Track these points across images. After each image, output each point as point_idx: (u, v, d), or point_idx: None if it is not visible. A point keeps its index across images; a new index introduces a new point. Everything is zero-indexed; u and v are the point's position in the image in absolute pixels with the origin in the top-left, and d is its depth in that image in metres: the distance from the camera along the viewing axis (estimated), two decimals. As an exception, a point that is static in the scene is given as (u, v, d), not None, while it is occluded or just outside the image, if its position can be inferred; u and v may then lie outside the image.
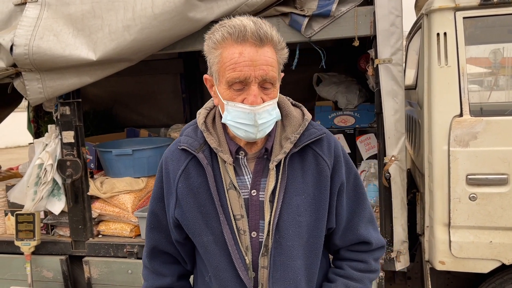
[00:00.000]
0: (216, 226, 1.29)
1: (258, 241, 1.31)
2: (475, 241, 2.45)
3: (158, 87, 5.25)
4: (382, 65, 2.46)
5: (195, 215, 1.31)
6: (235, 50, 1.17)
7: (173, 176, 1.34)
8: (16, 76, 2.78)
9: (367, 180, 3.60)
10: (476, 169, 2.40)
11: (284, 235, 1.28)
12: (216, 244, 1.30)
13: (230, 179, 1.30)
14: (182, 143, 1.34)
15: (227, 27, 1.18)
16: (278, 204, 1.28)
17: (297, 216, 1.29)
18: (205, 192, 1.30)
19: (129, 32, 2.52)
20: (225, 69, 1.18)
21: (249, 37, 1.15)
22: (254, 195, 1.30)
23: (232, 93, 1.20)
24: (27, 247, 3.05)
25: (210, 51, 1.23)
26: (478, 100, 2.79)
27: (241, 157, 1.32)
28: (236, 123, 1.22)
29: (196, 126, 1.37)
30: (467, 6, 2.40)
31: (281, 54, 1.24)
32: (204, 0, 2.49)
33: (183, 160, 1.34)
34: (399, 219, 2.58)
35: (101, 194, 3.07)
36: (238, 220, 1.30)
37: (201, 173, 1.31)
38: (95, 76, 2.72)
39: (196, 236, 1.33)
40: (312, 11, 2.49)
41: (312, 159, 1.32)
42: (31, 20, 2.63)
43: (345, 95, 4.03)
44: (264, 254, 1.31)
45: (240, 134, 1.25)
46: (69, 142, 2.99)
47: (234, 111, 1.21)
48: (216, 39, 1.20)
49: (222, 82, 1.21)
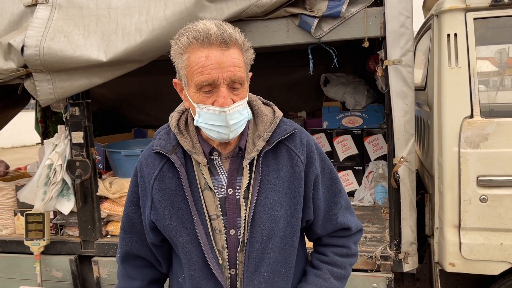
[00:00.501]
0: (191, 227, 1.31)
1: (236, 238, 1.33)
2: (486, 243, 2.44)
3: (165, 87, 5.25)
4: (391, 66, 2.46)
5: (171, 217, 1.32)
6: (202, 53, 1.19)
7: (148, 179, 1.35)
8: (26, 77, 2.79)
9: (375, 181, 3.60)
10: (486, 170, 2.38)
11: (260, 230, 1.31)
12: (192, 244, 1.32)
13: (205, 180, 1.32)
14: (155, 146, 1.35)
15: (192, 31, 1.21)
16: (252, 201, 1.30)
17: (273, 211, 1.32)
18: (180, 194, 1.32)
19: (140, 33, 2.53)
20: (193, 73, 1.20)
21: (214, 40, 1.18)
22: (230, 194, 1.32)
23: (202, 96, 1.22)
24: (37, 247, 3.06)
25: (177, 56, 1.25)
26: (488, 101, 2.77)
27: (215, 157, 1.34)
28: (208, 125, 1.24)
29: (169, 129, 1.38)
30: (477, 7, 2.39)
31: (247, 54, 1.27)
32: (214, 1, 2.49)
33: (158, 164, 1.35)
34: (408, 221, 2.58)
35: (110, 194, 3.08)
36: (213, 220, 1.32)
37: (175, 175, 1.32)
38: (104, 77, 2.73)
39: (173, 237, 1.35)
40: (322, 12, 2.49)
41: (285, 155, 1.35)
42: (42, 21, 2.65)
43: (353, 96, 4.03)
44: (242, 250, 1.33)
45: (213, 135, 1.27)
46: (79, 142, 3.00)
47: (205, 113, 1.23)
48: (182, 44, 1.22)
49: (191, 85, 1.23)
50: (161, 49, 2.65)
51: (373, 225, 3.13)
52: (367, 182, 3.71)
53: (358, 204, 3.64)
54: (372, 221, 3.21)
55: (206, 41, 1.18)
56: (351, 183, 3.83)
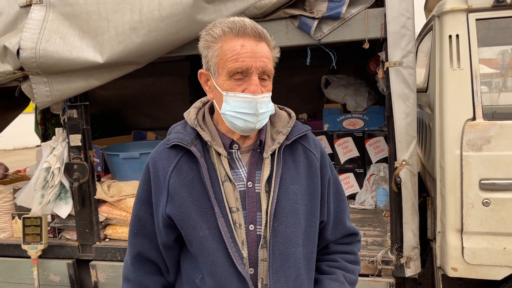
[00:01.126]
0: (212, 220, 1.27)
1: (256, 234, 1.30)
2: (489, 248, 2.40)
3: (165, 89, 5.25)
4: (392, 68, 2.42)
5: (190, 209, 1.28)
6: (237, 42, 1.23)
7: (163, 174, 1.32)
8: (23, 79, 2.77)
9: (376, 184, 3.56)
10: (489, 174, 2.35)
11: (283, 223, 1.30)
12: (212, 238, 1.27)
13: (225, 172, 1.31)
14: (172, 140, 1.34)
15: (227, 22, 1.26)
16: (274, 193, 1.30)
17: (295, 204, 1.32)
18: (199, 186, 1.29)
19: (137, 34, 2.50)
20: (227, 60, 1.24)
21: (249, 31, 1.24)
22: (250, 187, 1.31)
23: (232, 83, 1.25)
24: (34, 250, 3.04)
25: (208, 45, 1.28)
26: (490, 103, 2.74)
27: (235, 150, 1.34)
28: (236, 113, 1.25)
29: (184, 124, 1.39)
30: (480, 7, 2.36)
31: (274, 52, 1.32)
32: (213, 2, 2.46)
33: (174, 157, 1.33)
34: (410, 224, 2.54)
35: (108, 197, 3.05)
36: (233, 213, 1.29)
37: (193, 168, 1.31)
38: (102, 79, 2.70)
39: (191, 231, 1.29)
40: (321, 13, 2.46)
41: (301, 153, 1.39)
42: (37, 23, 2.62)
43: (354, 98, 3.99)
44: (263, 246, 1.30)
45: (240, 124, 1.27)
46: (76, 145, 2.98)
47: (234, 101, 1.25)
48: (216, 34, 1.26)
49: (222, 73, 1.26)
50: (159, 51, 2.62)
51: (374, 229, 3.09)
52: (368, 185, 3.68)
53: (359, 207, 3.60)
54: (373, 225, 3.17)
55: (242, 31, 1.23)
56: (352, 186, 3.80)
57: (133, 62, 2.65)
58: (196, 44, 2.60)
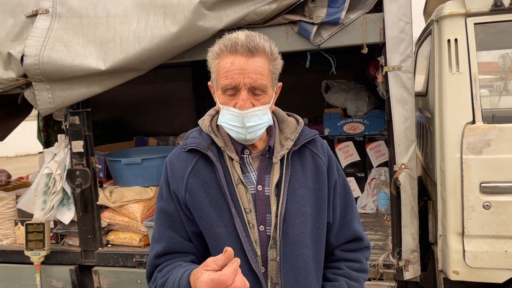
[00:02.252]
0: (228, 219, 1.35)
1: (265, 234, 1.37)
2: (490, 251, 2.40)
3: (168, 95, 5.27)
4: (391, 73, 2.44)
5: (207, 208, 1.36)
6: (228, 60, 1.31)
7: (180, 174, 1.40)
8: (26, 86, 2.80)
9: (377, 188, 3.57)
10: (490, 177, 2.35)
11: (291, 225, 1.36)
12: (229, 237, 1.34)
13: (238, 175, 1.38)
14: (189, 144, 1.42)
15: (224, 40, 1.34)
16: (284, 196, 1.37)
17: (302, 207, 1.39)
18: (215, 187, 1.37)
19: (139, 42, 2.53)
20: (220, 77, 1.32)
21: (239, 48, 1.29)
22: (260, 190, 1.39)
23: (226, 98, 1.34)
24: (37, 257, 3.05)
25: (210, 61, 1.38)
26: (490, 106, 2.75)
27: (246, 155, 1.42)
28: (229, 125, 1.35)
29: (200, 130, 1.47)
30: (478, 12, 2.38)
31: (275, 64, 1.37)
32: (213, 9, 2.49)
33: (191, 160, 1.41)
34: (409, 228, 2.54)
35: (110, 203, 3.07)
36: (247, 213, 1.36)
37: (210, 170, 1.39)
38: (104, 86, 2.73)
39: (208, 228, 1.36)
40: (321, 19, 2.48)
41: (309, 157, 1.45)
42: (42, 31, 2.66)
43: (354, 102, 4.01)
44: (273, 247, 1.37)
45: (233, 135, 1.37)
46: (79, 151, 2.99)
47: (226, 114, 1.34)
48: (215, 51, 1.35)
49: (218, 88, 1.35)
50: (160, 57, 2.65)
51: (376, 233, 3.10)
52: (370, 189, 3.68)
53: (361, 211, 3.61)
54: (374, 229, 3.18)
55: (233, 48, 1.30)
56: (354, 190, 3.80)
57: (135, 69, 2.68)
58: (196, 50, 2.67)
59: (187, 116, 5.20)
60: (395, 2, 2.40)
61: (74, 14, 2.68)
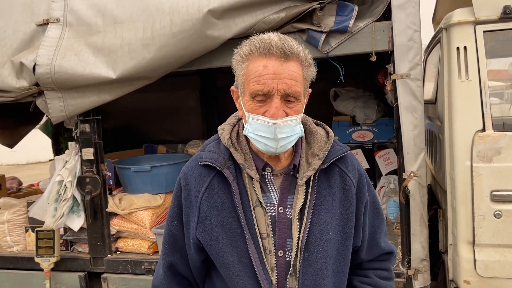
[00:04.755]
0: (242, 246, 1.25)
1: (285, 260, 1.27)
2: (501, 260, 2.37)
3: (177, 103, 5.31)
4: (400, 80, 2.44)
5: (219, 234, 1.26)
6: (260, 63, 1.18)
7: (195, 193, 1.30)
8: (38, 94, 2.84)
9: (386, 196, 3.54)
10: (500, 185, 2.33)
11: (314, 253, 1.26)
12: (242, 265, 1.24)
13: (256, 196, 1.27)
14: (205, 158, 1.30)
15: (255, 41, 1.21)
16: (307, 221, 1.25)
17: (326, 234, 1.27)
18: (230, 210, 1.26)
19: (148, 50, 2.56)
20: (249, 81, 1.20)
21: (274, 51, 1.17)
22: (281, 212, 1.27)
23: (254, 104, 1.20)
24: (47, 263, 3.07)
25: (237, 64, 1.26)
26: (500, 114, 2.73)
27: (267, 173, 1.30)
28: (256, 136, 1.22)
29: (218, 141, 1.35)
30: (487, 19, 2.37)
31: (308, 70, 1.25)
32: (222, 18, 2.51)
33: (206, 177, 1.30)
34: (418, 236, 2.52)
35: (119, 210, 3.09)
36: (264, 239, 1.26)
37: (225, 190, 1.27)
38: (114, 94, 2.76)
39: (220, 257, 1.27)
40: (329, 27, 2.49)
41: (337, 176, 1.32)
42: (53, 40, 2.70)
43: (363, 110, 4.00)
44: (292, 275, 1.27)
45: (260, 147, 1.24)
46: (89, 159, 3.02)
47: (255, 123, 1.21)
48: (243, 53, 1.23)
49: (246, 94, 1.22)
50: (170, 66, 2.67)
51: (385, 241, 3.07)
52: (379, 197, 3.66)
53: (370, 219, 3.58)
54: (384, 237, 3.15)
55: (266, 51, 1.18)
56: (363, 198, 3.78)
57: (144, 77, 2.71)
58: (205, 58, 2.69)
59: (195, 124, 5.23)
60: (404, 10, 2.40)
61: (83, 23, 2.71)
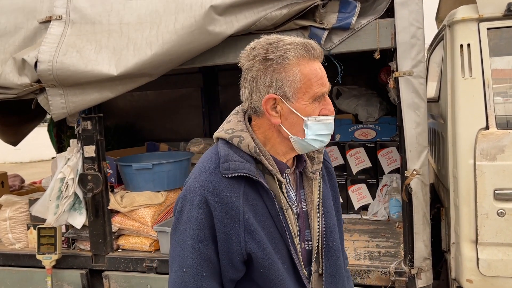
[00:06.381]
0: (282, 250, 1.27)
1: (305, 250, 1.35)
2: (505, 259, 2.35)
3: (179, 101, 5.31)
4: (402, 78, 2.42)
5: (267, 243, 1.24)
6: (315, 66, 1.23)
7: (233, 207, 1.21)
8: (40, 91, 2.84)
9: (389, 194, 3.53)
10: (504, 183, 2.31)
11: (330, 237, 1.37)
12: (286, 269, 1.28)
13: (286, 200, 1.30)
14: (237, 169, 1.22)
15: (297, 44, 1.21)
16: (322, 211, 1.37)
17: (333, 217, 1.40)
18: (267, 218, 1.26)
19: (150, 47, 2.55)
20: (312, 85, 1.22)
21: (319, 53, 1.25)
22: (300, 208, 1.36)
23: (315, 106, 1.24)
24: (48, 260, 3.07)
25: (282, 69, 1.21)
26: (504, 112, 2.71)
27: (286, 174, 1.34)
28: (316, 136, 1.26)
29: (237, 150, 1.27)
30: (491, 16, 2.35)
31: None
32: (224, 14, 2.50)
33: (237, 188, 1.23)
34: (421, 235, 2.50)
35: (121, 208, 3.08)
36: (296, 238, 1.31)
37: (258, 198, 1.25)
38: (116, 91, 2.75)
39: (272, 265, 1.24)
40: (331, 24, 2.47)
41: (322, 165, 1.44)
42: (55, 37, 2.70)
43: (365, 108, 3.98)
44: (315, 261, 1.36)
45: (316, 145, 1.29)
46: (90, 156, 3.02)
47: (314, 125, 1.24)
48: (293, 57, 1.21)
49: (304, 98, 1.23)
50: (172, 63, 2.67)
51: (387, 240, 3.06)
52: (381, 195, 3.64)
53: (372, 218, 3.57)
54: (386, 236, 3.14)
55: (316, 54, 1.24)
56: (365, 197, 3.77)
57: (146, 74, 2.70)
58: (207, 55, 2.69)
59: (197, 122, 5.24)
60: (407, 8, 2.38)
61: (87, 21, 2.71)
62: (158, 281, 2.93)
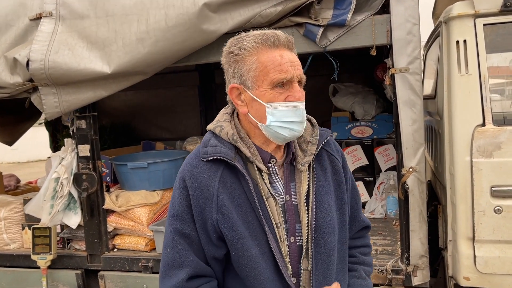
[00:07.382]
0: (261, 237, 1.27)
1: (296, 245, 1.33)
2: (502, 256, 2.34)
3: (175, 100, 5.29)
4: (398, 74, 2.40)
5: (241, 228, 1.26)
6: (275, 53, 1.25)
7: (208, 188, 1.27)
8: (33, 90, 2.81)
9: (386, 192, 3.52)
10: (501, 180, 2.30)
11: (323, 233, 1.33)
12: (263, 257, 1.27)
13: (267, 188, 1.30)
14: (212, 153, 1.28)
15: (258, 35, 1.27)
16: (312, 204, 1.33)
17: (330, 213, 1.35)
18: (245, 203, 1.28)
19: (143, 45, 2.53)
20: (268, 72, 1.24)
21: (283, 41, 1.26)
22: (288, 200, 1.33)
23: (275, 93, 1.25)
24: (43, 261, 3.05)
25: (240, 59, 1.28)
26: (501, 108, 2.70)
27: (272, 164, 1.34)
28: (282, 123, 1.26)
29: (219, 138, 1.33)
30: (487, 12, 2.33)
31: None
32: (218, 11, 2.48)
33: (215, 172, 1.28)
34: (417, 232, 2.49)
35: (116, 207, 3.06)
36: (278, 228, 1.30)
37: (237, 183, 1.29)
38: (109, 89, 2.73)
39: (244, 250, 1.26)
40: (327, 21, 2.45)
41: (327, 159, 1.41)
42: (46, 35, 2.66)
43: (362, 106, 3.97)
44: (305, 257, 1.33)
45: (285, 133, 1.28)
46: (85, 155, 3.00)
47: (278, 111, 1.26)
48: (249, 47, 1.26)
49: (262, 85, 1.26)
50: (166, 61, 2.64)
51: (384, 238, 3.05)
52: (378, 193, 3.63)
53: (369, 216, 3.55)
54: (383, 234, 3.13)
55: (276, 42, 1.25)
56: (362, 195, 3.75)
57: (140, 72, 2.68)
58: (202, 53, 2.66)
59: (194, 121, 5.22)
60: (402, 4, 2.37)
61: (76, 16, 2.66)
62: (154, 281, 2.91)
